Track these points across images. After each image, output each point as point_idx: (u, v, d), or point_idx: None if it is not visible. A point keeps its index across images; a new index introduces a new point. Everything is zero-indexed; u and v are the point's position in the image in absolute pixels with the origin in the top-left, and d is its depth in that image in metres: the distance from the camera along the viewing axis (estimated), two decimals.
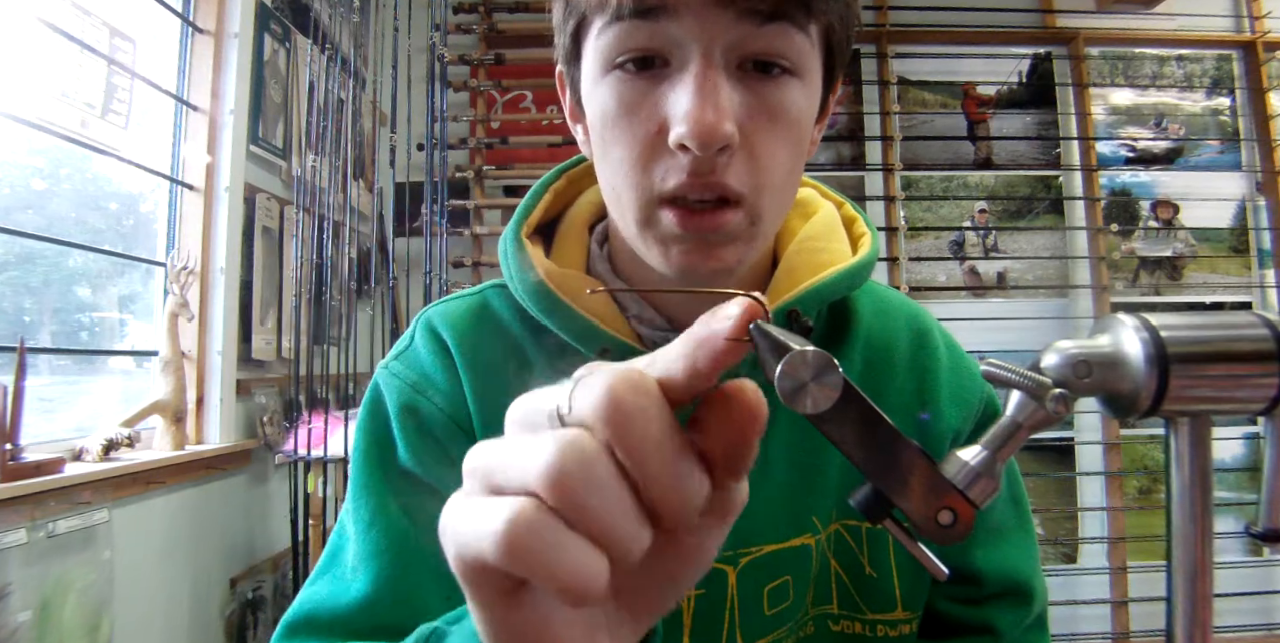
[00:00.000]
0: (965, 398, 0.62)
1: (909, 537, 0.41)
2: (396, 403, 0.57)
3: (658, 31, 0.45)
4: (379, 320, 2.38)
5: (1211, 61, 3.15)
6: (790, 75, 0.47)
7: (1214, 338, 0.36)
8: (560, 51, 0.53)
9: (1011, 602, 0.63)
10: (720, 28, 0.44)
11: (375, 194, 2.69)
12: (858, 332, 0.61)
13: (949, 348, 0.64)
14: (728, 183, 0.45)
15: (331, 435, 1.90)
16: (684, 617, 0.56)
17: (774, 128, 0.46)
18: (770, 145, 0.47)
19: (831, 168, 3.03)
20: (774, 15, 0.44)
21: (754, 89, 0.46)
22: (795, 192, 0.53)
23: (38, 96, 1.38)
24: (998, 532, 0.63)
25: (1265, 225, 3.04)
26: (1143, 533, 2.83)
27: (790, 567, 0.56)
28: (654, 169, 0.46)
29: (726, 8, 0.43)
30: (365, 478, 0.57)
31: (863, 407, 0.40)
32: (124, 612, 1.44)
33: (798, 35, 0.46)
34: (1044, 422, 0.38)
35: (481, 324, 0.58)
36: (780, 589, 0.56)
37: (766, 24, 0.44)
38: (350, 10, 2.37)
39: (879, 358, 0.61)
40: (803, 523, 0.57)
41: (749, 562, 0.56)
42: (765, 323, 0.45)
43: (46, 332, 1.55)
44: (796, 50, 0.46)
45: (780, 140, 0.47)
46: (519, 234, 0.58)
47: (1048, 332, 2.89)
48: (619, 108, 0.47)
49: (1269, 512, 0.37)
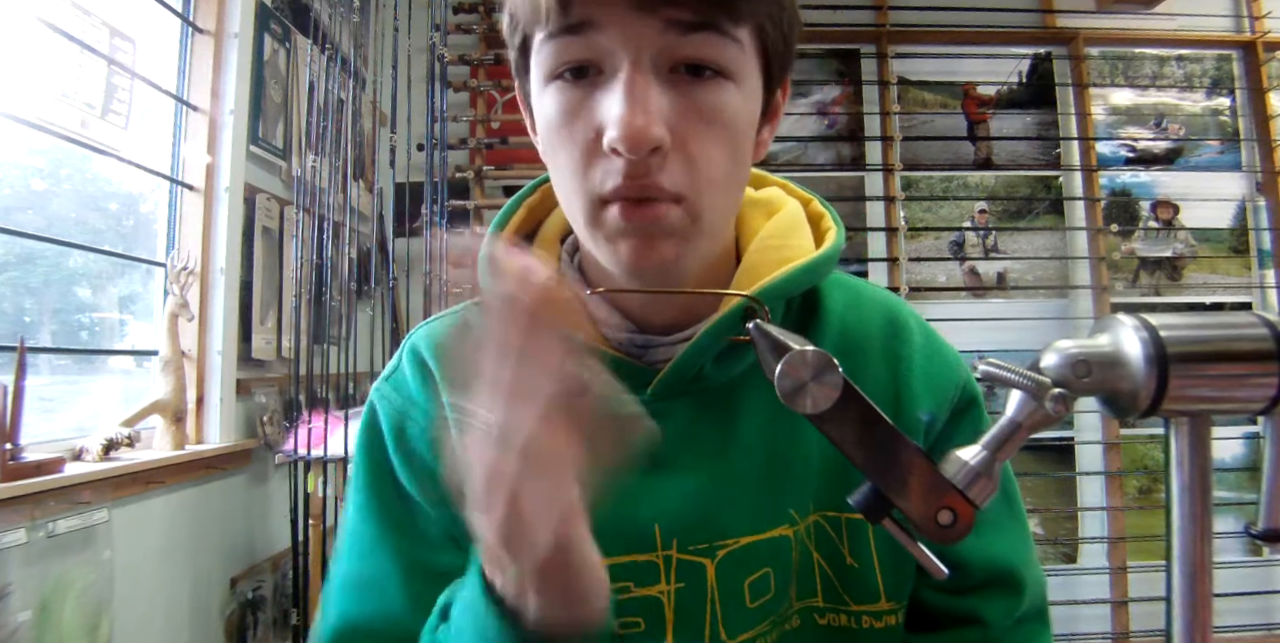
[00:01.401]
0: (940, 385, 0.62)
1: (908, 537, 0.41)
2: (388, 426, 0.61)
3: (590, 43, 0.46)
4: (379, 320, 2.38)
5: (1211, 61, 3.15)
6: (723, 78, 0.48)
7: (1214, 338, 0.36)
8: (513, 67, 0.55)
9: (999, 591, 0.62)
10: (647, 38, 0.46)
11: (375, 194, 2.69)
12: (829, 322, 0.62)
13: (925, 337, 0.63)
14: (661, 183, 0.47)
15: (331, 435, 1.90)
16: (666, 611, 0.56)
17: (708, 129, 0.48)
18: (704, 146, 0.48)
19: (832, 168, 3.03)
20: (698, 25, 0.46)
21: (686, 92, 0.47)
22: (739, 191, 0.54)
23: (38, 96, 1.38)
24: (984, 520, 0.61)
25: (1265, 225, 3.04)
26: (1143, 533, 2.83)
27: (769, 559, 0.57)
28: (594, 172, 0.48)
29: (650, 19, 0.45)
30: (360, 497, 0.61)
31: (863, 407, 0.40)
32: (124, 612, 1.44)
33: (726, 42, 0.47)
34: (1044, 422, 0.38)
35: None
36: (761, 582, 0.57)
37: (691, 33, 0.46)
38: (350, 10, 2.37)
39: (852, 348, 0.61)
40: (780, 514, 0.57)
41: (726, 554, 0.56)
42: (765, 323, 0.46)
43: (46, 332, 1.55)
44: (727, 56, 0.47)
45: (715, 141, 0.48)
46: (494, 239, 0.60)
47: (1048, 332, 2.89)
48: (559, 115, 0.49)
49: (1269, 512, 0.37)
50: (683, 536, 0.56)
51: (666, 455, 0.56)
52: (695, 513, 0.56)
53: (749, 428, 0.58)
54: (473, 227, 2.67)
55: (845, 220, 0.64)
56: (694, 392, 0.57)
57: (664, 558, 0.56)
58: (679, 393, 0.56)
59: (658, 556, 0.56)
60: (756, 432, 0.58)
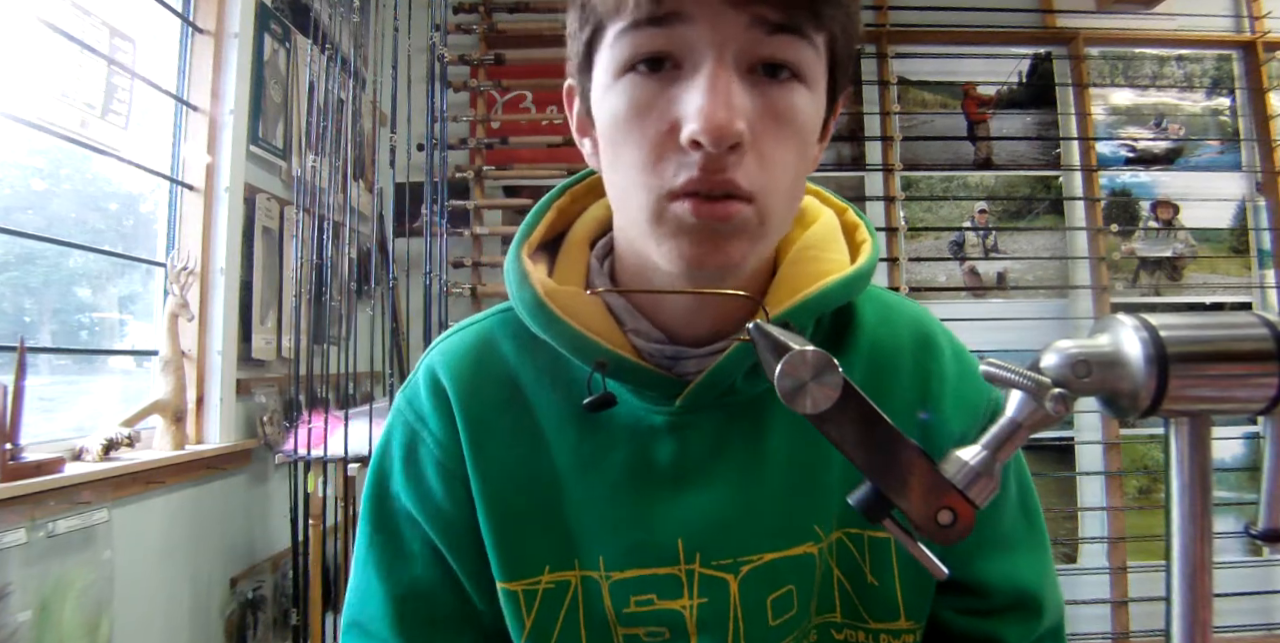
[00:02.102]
0: (972, 403, 0.60)
1: (908, 537, 0.41)
2: (401, 439, 0.62)
3: (674, 35, 0.46)
4: (379, 320, 2.38)
5: (1211, 61, 3.14)
6: (797, 81, 0.48)
7: (1214, 338, 0.36)
8: (574, 61, 0.54)
9: (1019, 615, 0.62)
10: (732, 33, 0.45)
11: (375, 194, 2.69)
12: (861, 338, 0.61)
13: (955, 354, 0.62)
14: (737, 180, 0.46)
15: (331, 436, 1.90)
16: (688, 625, 0.56)
17: (781, 130, 0.47)
18: (778, 147, 0.47)
19: (832, 168, 3.03)
20: (783, 26, 0.46)
21: (763, 92, 0.47)
22: (801, 196, 0.54)
23: (38, 96, 1.38)
24: (1007, 542, 0.61)
25: (1265, 225, 3.04)
26: (1143, 533, 2.83)
27: (793, 576, 0.56)
28: (665, 167, 0.47)
29: (739, 15, 0.45)
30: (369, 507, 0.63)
31: (863, 407, 0.40)
32: (124, 612, 1.44)
33: (805, 45, 0.47)
34: (1044, 422, 0.38)
35: (481, 364, 0.61)
36: (784, 599, 0.56)
37: (775, 34, 0.46)
38: (350, 10, 2.37)
39: (883, 364, 0.60)
40: (805, 531, 0.56)
41: (750, 570, 0.56)
42: (765, 323, 0.46)
43: (46, 332, 1.55)
44: (805, 59, 0.47)
45: (787, 143, 0.48)
46: (519, 252, 0.58)
47: (1048, 332, 2.89)
48: (631, 108, 0.48)
49: (1269, 512, 0.37)
50: (706, 551, 0.56)
51: (692, 469, 0.56)
52: (719, 528, 0.56)
53: (777, 443, 0.57)
54: (473, 226, 2.67)
55: None
56: (722, 405, 0.56)
57: (686, 572, 0.56)
58: (707, 406, 0.55)
59: (680, 569, 0.56)
60: (784, 447, 0.57)
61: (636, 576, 0.56)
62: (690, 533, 0.55)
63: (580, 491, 0.57)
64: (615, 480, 0.56)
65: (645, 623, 0.56)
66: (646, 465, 0.56)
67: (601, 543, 0.57)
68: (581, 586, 0.57)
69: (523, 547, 0.58)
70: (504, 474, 0.58)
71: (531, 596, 0.57)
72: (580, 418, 0.57)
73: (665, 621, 0.56)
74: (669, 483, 0.56)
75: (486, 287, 2.64)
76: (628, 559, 0.56)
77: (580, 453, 0.57)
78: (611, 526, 0.56)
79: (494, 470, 0.58)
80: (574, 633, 0.57)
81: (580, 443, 0.57)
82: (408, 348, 2.67)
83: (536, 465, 0.58)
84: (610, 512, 0.56)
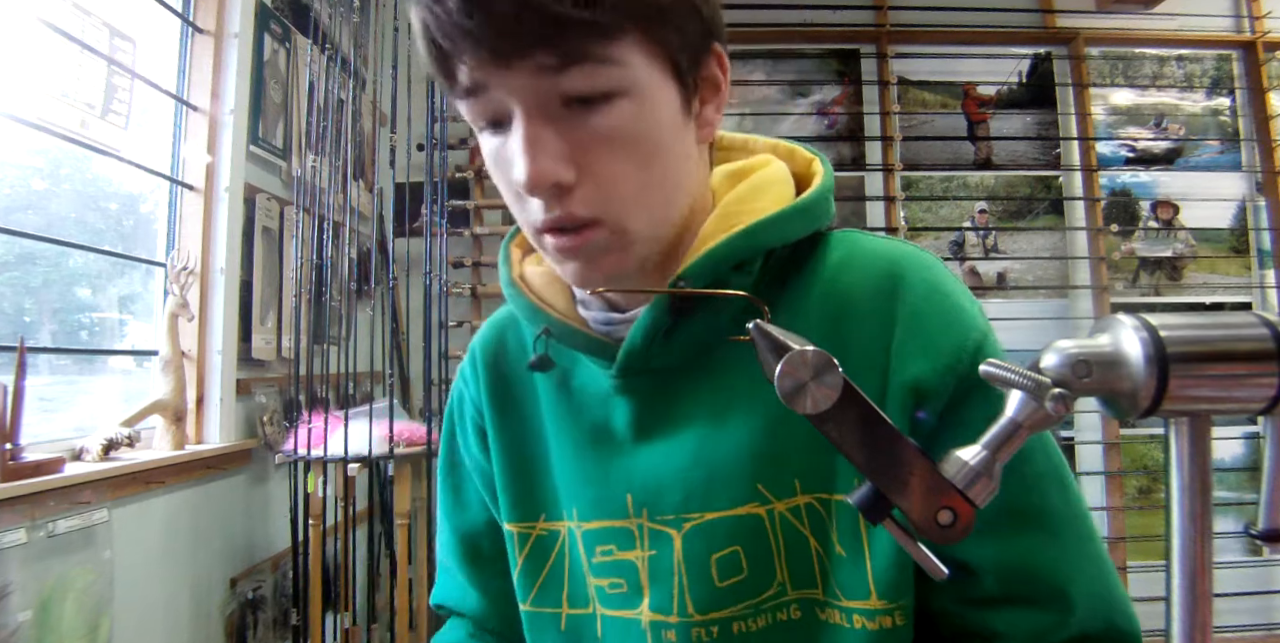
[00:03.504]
0: (936, 346, 0.54)
1: (908, 536, 0.41)
2: (455, 398, 0.75)
3: (487, 101, 0.50)
4: (379, 320, 2.38)
5: (1211, 61, 3.15)
6: (616, 97, 0.49)
7: (1214, 338, 0.36)
8: None
9: (1024, 607, 0.54)
10: (526, 88, 0.48)
11: (375, 194, 2.69)
12: (813, 284, 0.59)
13: (928, 294, 0.56)
14: (576, 212, 0.51)
15: (331, 436, 1.90)
16: (641, 576, 0.60)
17: (612, 150, 0.50)
18: (613, 166, 0.51)
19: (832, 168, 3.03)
20: (565, 64, 0.47)
21: (583, 122, 0.50)
22: (670, 189, 0.55)
23: (38, 96, 1.38)
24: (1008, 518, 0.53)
25: (1265, 225, 3.04)
26: (1143, 533, 2.83)
27: (738, 537, 0.56)
28: (526, 207, 0.53)
29: (521, 71, 0.47)
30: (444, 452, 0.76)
31: (863, 407, 0.40)
32: (124, 612, 1.44)
33: (600, 68, 0.48)
34: (1044, 422, 0.38)
35: (501, 340, 0.71)
36: (730, 560, 0.56)
37: (565, 71, 0.48)
38: (350, 10, 2.37)
39: (838, 311, 0.57)
40: (749, 493, 0.56)
41: (692, 527, 0.58)
42: (766, 323, 0.46)
43: (46, 332, 1.55)
44: (608, 79, 0.49)
45: (622, 158, 0.51)
46: (509, 242, 0.68)
47: (1048, 332, 2.89)
48: (490, 161, 0.54)
49: (1269, 512, 0.37)
50: (651, 506, 0.59)
51: (644, 429, 0.60)
52: (662, 486, 0.59)
53: (729, 407, 0.58)
54: (473, 226, 2.67)
55: (845, 221, 0.64)
56: (665, 369, 0.59)
57: (637, 526, 0.60)
58: (647, 369, 0.59)
59: (632, 522, 0.60)
60: (737, 411, 0.57)
61: (600, 527, 0.61)
62: (636, 489, 0.60)
63: (559, 449, 0.64)
64: (581, 440, 0.63)
65: (609, 573, 0.61)
66: (606, 426, 0.62)
67: (573, 496, 0.63)
68: (567, 537, 0.64)
69: (522, 494, 0.66)
70: (510, 431, 0.67)
71: (525, 539, 0.65)
72: (560, 385, 0.65)
73: (623, 571, 0.60)
74: (624, 442, 0.61)
75: (486, 287, 2.64)
76: (592, 511, 0.62)
77: (559, 415, 0.65)
78: (580, 480, 0.62)
79: (504, 427, 0.68)
80: (558, 578, 0.64)
81: (559, 406, 0.65)
82: (408, 348, 2.67)
83: (532, 426, 0.66)
84: (579, 467, 0.63)
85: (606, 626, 0.61)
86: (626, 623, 0.60)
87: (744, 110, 3.03)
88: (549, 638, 0.64)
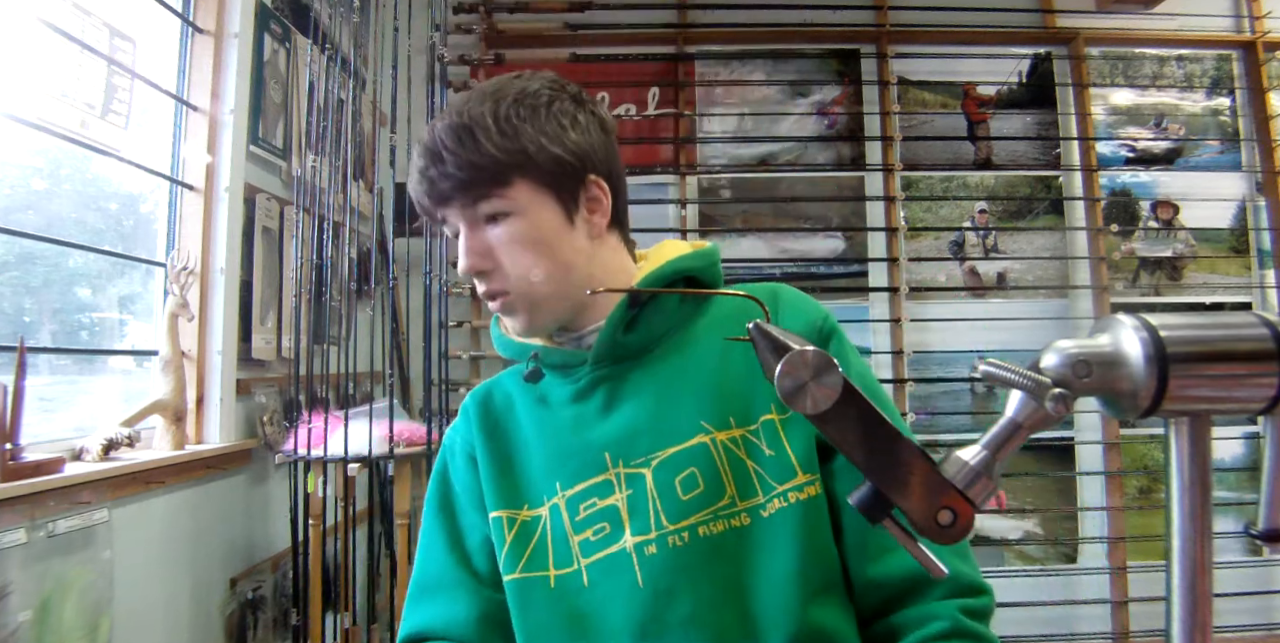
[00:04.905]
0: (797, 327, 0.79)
1: (908, 536, 0.41)
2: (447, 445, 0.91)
3: (448, 224, 0.80)
4: (379, 320, 2.38)
5: (1211, 61, 3.15)
6: (508, 217, 0.77)
7: (1214, 338, 0.36)
8: None
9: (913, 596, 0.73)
10: (462, 215, 0.78)
11: (375, 194, 2.69)
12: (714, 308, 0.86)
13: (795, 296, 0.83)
14: (491, 287, 0.79)
15: (331, 436, 1.90)
16: (622, 514, 0.76)
17: (510, 249, 0.77)
18: (513, 258, 0.77)
19: (832, 168, 3.03)
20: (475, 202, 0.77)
21: (491, 232, 0.78)
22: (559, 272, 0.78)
23: (38, 96, 1.38)
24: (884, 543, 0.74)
25: (1265, 225, 3.04)
26: (1143, 533, 2.83)
27: (692, 461, 0.76)
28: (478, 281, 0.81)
29: (455, 206, 0.78)
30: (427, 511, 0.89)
31: (863, 407, 0.40)
32: (124, 612, 1.44)
33: (497, 200, 0.76)
34: (1044, 422, 0.38)
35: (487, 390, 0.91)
36: (689, 479, 0.75)
37: (476, 205, 0.77)
38: (350, 10, 2.37)
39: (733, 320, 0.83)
40: (695, 428, 0.77)
41: (659, 463, 0.77)
42: (765, 324, 0.46)
43: (46, 332, 1.55)
44: (504, 205, 0.76)
45: (518, 254, 0.77)
46: None
47: (1048, 332, 2.89)
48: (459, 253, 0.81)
49: (1269, 512, 0.37)
50: (626, 456, 0.78)
51: (611, 404, 0.81)
52: (632, 438, 0.78)
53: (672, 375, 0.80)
54: None
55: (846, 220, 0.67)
56: (626, 357, 0.81)
57: (615, 475, 0.78)
58: (613, 359, 0.81)
59: (610, 473, 0.78)
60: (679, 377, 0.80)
61: (581, 488, 0.79)
62: (611, 445, 0.78)
63: (540, 445, 0.83)
64: (561, 428, 0.82)
65: (591, 523, 0.77)
66: (579, 414, 0.82)
67: (555, 473, 0.80)
68: (549, 518, 0.79)
69: (507, 488, 0.83)
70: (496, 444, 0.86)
71: (512, 522, 0.81)
72: (538, 402, 0.85)
73: (605, 516, 0.77)
74: (596, 418, 0.81)
75: None
76: (575, 477, 0.79)
77: (539, 420, 0.84)
78: (561, 456, 0.81)
79: (492, 445, 0.86)
80: (543, 547, 0.79)
81: (538, 414, 0.85)
82: (407, 348, 2.67)
83: (515, 438, 0.86)
84: (559, 449, 0.81)
85: (592, 572, 0.76)
86: (611, 558, 0.75)
87: (744, 110, 3.02)
88: (538, 598, 0.78)
